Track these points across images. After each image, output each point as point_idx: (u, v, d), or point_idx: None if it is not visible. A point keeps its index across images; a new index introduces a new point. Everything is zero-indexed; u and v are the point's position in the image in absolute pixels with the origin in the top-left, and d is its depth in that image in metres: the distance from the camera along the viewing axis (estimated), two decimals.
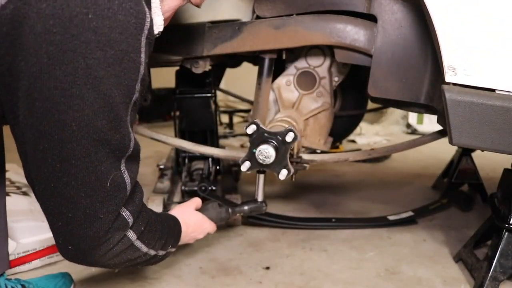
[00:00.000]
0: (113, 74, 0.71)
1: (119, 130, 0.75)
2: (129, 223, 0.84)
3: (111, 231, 0.80)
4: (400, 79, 1.15)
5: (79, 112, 0.69)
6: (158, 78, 1.99)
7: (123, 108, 0.74)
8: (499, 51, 0.94)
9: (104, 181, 0.76)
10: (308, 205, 1.82)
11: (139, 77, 0.75)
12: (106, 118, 0.72)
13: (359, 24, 1.17)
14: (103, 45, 0.69)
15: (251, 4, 1.26)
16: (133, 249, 0.87)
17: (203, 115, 1.79)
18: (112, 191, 0.77)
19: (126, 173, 0.80)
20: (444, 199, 1.79)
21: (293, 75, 1.40)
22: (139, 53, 0.74)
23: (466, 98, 0.95)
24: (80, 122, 0.70)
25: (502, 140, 0.96)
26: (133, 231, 0.86)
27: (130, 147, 0.79)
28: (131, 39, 0.72)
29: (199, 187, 1.64)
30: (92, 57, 0.68)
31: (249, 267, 1.31)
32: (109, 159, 0.76)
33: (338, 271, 1.29)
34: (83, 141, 0.71)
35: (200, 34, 1.26)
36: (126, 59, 0.72)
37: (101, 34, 0.68)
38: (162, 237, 0.96)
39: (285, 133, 1.07)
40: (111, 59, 0.70)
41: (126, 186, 0.80)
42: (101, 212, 0.77)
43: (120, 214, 0.81)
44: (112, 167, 0.77)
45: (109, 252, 0.82)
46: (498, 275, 1.15)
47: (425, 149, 1.99)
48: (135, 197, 0.86)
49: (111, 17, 0.68)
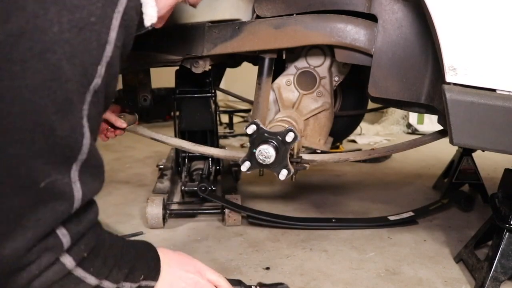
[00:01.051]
0: (66, 42, 0.58)
1: (67, 116, 0.60)
2: (63, 244, 0.64)
3: (36, 249, 0.61)
4: (400, 79, 1.15)
5: (17, 82, 0.56)
6: (158, 78, 1.99)
7: (75, 90, 0.60)
8: (500, 51, 0.94)
9: (36, 180, 0.59)
10: (308, 205, 1.82)
11: (102, 58, 0.62)
12: (51, 96, 0.58)
13: (360, 23, 1.16)
14: (61, 7, 0.57)
15: (251, 4, 1.26)
16: (74, 280, 0.68)
17: (203, 115, 1.79)
18: (48, 197, 0.61)
19: (77, 185, 0.63)
20: (444, 199, 1.78)
21: (293, 75, 1.40)
22: (106, 28, 0.62)
23: (467, 98, 0.95)
24: (16, 94, 0.56)
25: (502, 140, 0.96)
26: (70, 256, 0.66)
27: (82, 146, 0.63)
28: (97, 9, 0.60)
29: (199, 187, 1.63)
30: (45, 18, 0.56)
31: (249, 268, 1.30)
32: (52, 157, 0.60)
33: (338, 272, 1.29)
34: (16, 120, 0.56)
35: (200, 34, 1.26)
36: (88, 30, 0.59)
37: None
38: (124, 265, 0.76)
39: (285, 133, 1.07)
40: (67, 25, 0.58)
41: (73, 199, 0.63)
42: (27, 219, 0.60)
43: (54, 232, 0.63)
44: (56, 169, 0.61)
45: (35, 281, 0.63)
46: (499, 276, 1.14)
47: (425, 149, 1.99)
48: (83, 217, 0.68)
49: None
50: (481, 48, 0.95)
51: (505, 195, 1.24)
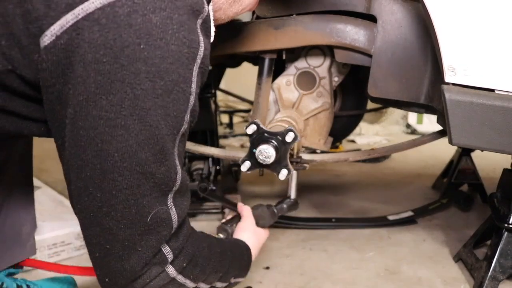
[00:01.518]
0: (161, 106, 0.68)
1: (164, 163, 0.72)
2: (168, 259, 0.80)
3: (148, 265, 0.77)
4: (400, 79, 1.15)
5: (123, 143, 0.67)
6: None
7: (169, 140, 0.72)
8: (499, 51, 0.95)
9: (145, 215, 0.73)
10: (308, 205, 1.82)
11: (188, 108, 0.72)
12: (151, 151, 0.69)
13: (359, 24, 1.17)
14: (153, 75, 0.66)
15: None
16: (175, 284, 0.83)
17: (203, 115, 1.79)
18: (154, 226, 0.74)
19: (173, 209, 0.76)
20: (444, 199, 1.79)
21: (293, 75, 1.41)
22: (189, 83, 0.71)
23: (466, 98, 0.95)
24: (124, 153, 0.68)
25: (501, 140, 0.96)
26: (173, 267, 0.81)
27: (176, 180, 0.75)
28: (182, 69, 0.69)
29: (199, 186, 1.64)
30: (141, 87, 0.66)
31: None
32: (154, 193, 0.73)
33: (338, 271, 1.29)
34: (125, 172, 0.69)
35: None
36: (176, 90, 0.69)
37: (151, 65, 0.66)
38: (218, 270, 0.91)
39: (285, 133, 1.07)
40: (160, 90, 0.67)
41: (172, 223, 0.77)
42: (139, 245, 0.74)
43: (161, 250, 0.78)
44: (157, 202, 0.73)
45: (147, 286, 0.79)
46: (497, 275, 1.15)
47: (425, 149, 2.00)
48: (180, 233, 0.82)
49: (163, 47, 0.66)
50: (480, 48, 0.95)
51: (504, 195, 1.25)
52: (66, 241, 1.34)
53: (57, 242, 1.32)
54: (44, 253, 1.30)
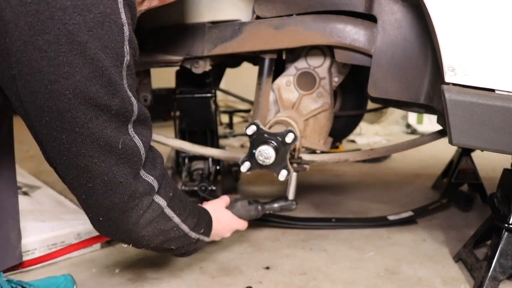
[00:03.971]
0: (96, 38, 0.70)
1: (116, 94, 0.74)
2: (155, 187, 0.85)
3: (136, 195, 0.82)
4: (400, 79, 1.15)
5: (70, 80, 0.69)
6: (158, 78, 2.00)
7: (115, 72, 0.74)
8: (499, 51, 0.95)
9: (115, 144, 0.76)
10: (308, 205, 1.82)
11: (125, 39, 0.74)
12: (99, 83, 0.71)
13: (359, 24, 1.17)
14: (80, 9, 0.68)
15: (251, 4, 1.26)
16: (165, 217, 0.89)
17: (203, 115, 1.79)
18: (125, 154, 0.78)
19: (136, 137, 0.80)
20: (444, 199, 1.79)
21: (293, 75, 1.41)
22: (118, 14, 0.73)
23: (466, 98, 0.95)
24: (74, 89, 0.70)
25: (501, 140, 0.96)
26: (161, 197, 0.87)
27: (133, 111, 0.78)
28: (107, 1, 0.71)
29: (199, 187, 1.64)
30: (72, 22, 0.67)
31: (249, 267, 1.31)
32: (114, 124, 0.75)
33: (338, 271, 1.29)
34: (81, 107, 0.71)
35: (200, 34, 1.26)
36: (107, 21, 0.71)
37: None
38: (194, 216, 0.98)
39: (285, 134, 1.07)
40: (91, 23, 0.69)
41: (139, 149, 0.81)
42: (119, 176, 0.78)
43: (141, 178, 0.83)
44: (119, 132, 0.77)
45: (141, 218, 0.84)
46: (497, 275, 1.15)
47: (425, 149, 2.00)
48: (155, 162, 0.87)
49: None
50: (480, 48, 0.95)
51: (504, 195, 1.25)
52: (66, 241, 1.34)
53: (57, 242, 1.32)
54: (44, 253, 1.30)
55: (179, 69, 1.75)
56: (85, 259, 1.36)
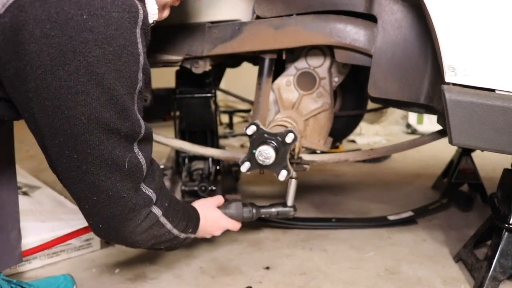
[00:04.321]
0: (114, 69, 0.74)
1: (127, 118, 0.79)
2: (153, 199, 0.91)
3: (136, 208, 0.88)
4: (400, 79, 1.15)
5: (86, 107, 0.74)
6: (158, 78, 1.99)
7: (128, 99, 0.79)
8: (499, 51, 0.94)
9: (122, 163, 0.82)
10: (308, 205, 1.82)
11: (139, 68, 0.79)
12: (113, 110, 0.77)
13: (359, 24, 1.17)
14: (101, 43, 0.72)
15: (251, 4, 1.26)
16: (159, 225, 0.95)
17: (203, 115, 1.79)
18: (130, 171, 0.84)
19: (140, 154, 0.86)
20: (444, 199, 1.79)
21: (293, 75, 1.40)
22: (136, 44, 0.77)
23: (466, 98, 0.95)
24: (89, 116, 0.75)
25: (502, 140, 0.96)
26: (158, 207, 0.93)
27: (141, 132, 0.84)
28: (126, 33, 0.75)
29: (199, 187, 1.64)
30: (92, 55, 0.72)
31: (249, 267, 1.31)
32: (122, 144, 0.81)
33: (338, 271, 1.29)
34: (94, 131, 0.76)
35: (200, 34, 1.26)
36: (125, 53, 0.76)
37: (97, 33, 0.72)
38: (184, 219, 1.03)
39: (285, 134, 1.07)
40: (110, 55, 0.74)
41: (142, 165, 0.86)
42: (122, 191, 0.84)
43: (142, 191, 0.89)
44: (126, 150, 0.82)
45: (138, 227, 0.90)
46: (498, 275, 1.15)
47: (425, 149, 1.99)
48: (154, 174, 0.93)
49: (105, 16, 0.72)
50: (480, 48, 0.95)
51: (504, 195, 1.25)
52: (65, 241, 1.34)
53: None
54: (44, 253, 1.30)
55: (179, 69, 1.75)
56: (85, 259, 1.36)
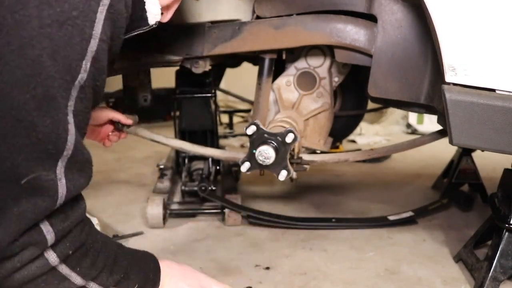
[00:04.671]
0: (47, 37, 0.57)
1: (49, 113, 0.59)
2: (47, 240, 0.65)
3: (19, 242, 0.63)
4: (400, 79, 1.15)
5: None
6: (158, 78, 2.00)
7: (59, 86, 0.59)
8: (499, 51, 0.94)
9: (19, 176, 0.60)
10: (308, 205, 1.82)
11: (87, 53, 0.61)
12: (31, 92, 0.57)
13: (359, 24, 1.17)
14: (40, 1, 0.56)
15: (251, 4, 1.26)
16: (58, 276, 0.68)
17: (203, 115, 1.80)
18: (30, 192, 0.61)
19: (62, 181, 0.64)
20: (444, 199, 1.79)
21: (293, 75, 1.40)
22: (90, 22, 0.60)
23: (466, 98, 0.95)
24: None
25: (502, 140, 0.96)
26: (55, 253, 0.67)
27: (67, 142, 0.62)
28: (80, 3, 0.59)
29: (199, 187, 1.64)
30: (23, 12, 0.55)
31: (249, 267, 1.31)
32: (36, 153, 0.60)
33: (338, 271, 1.29)
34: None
35: (200, 34, 1.26)
36: (69, 24, 0.58)
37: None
38: (116, 270, 0.76)
39: (285, 134, 1.07)
40: (47, 20, 0.57)
41: (57, 195, 0.63)
42: (10, 212, 0.61)
43: (37, 226, 0.64)
44: (40, 165, 0.61)
45: (16, 273, 0.64)
46: (498, 275, 1.15)
47: (425, 149, 1.99)
48: (70, 214, 0.68)
49: None
50: (481, 48, 0.95)
51: (504, 195, 1.25)
52: None
53: None
54: None
55: (179, 69, 1.75)
56: None
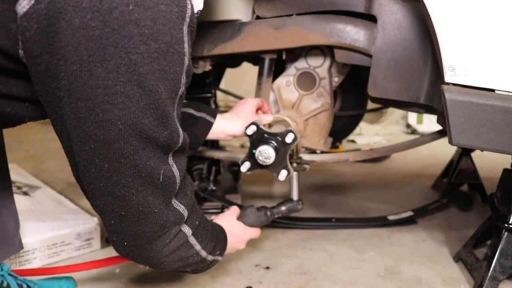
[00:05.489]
0: (157, 69, 0.66)
1: (167, 126, 0.71)
2: (184, 216, 0.83)
3: (167, 225, 0.80)
4: (400, 79, 1.15)
5: (125, 111, 0.65)
6: None
7: (169, 104, 0.70)
8: (499, 51, 0.95)
9: (156, 175, 0.74)
10: (308, 205, 1.82)
11: (184, 69, 0.71)
12: (153, 116, 0.68)
13: (359, 24, 1.17)
14: (147, 38, 0.64)
15: (251, 4, 1.26)
16: (188, 246, 0.87)
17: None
18: (163, 184, 0.76)
19: (174, 166, 0.78)
20: (443, 199, 1.79)
21: (293, 75, 1.41)
22: (182, 43, 0.69)
23: (466, 98, 0.95)
24: (127, 121, 0.66)
25: (501, 140, 0.96)
26: (188, 226, 0.85)
27: (178, 142, 0.76)
28: (174, 29, 0.67)
29: (199, 186, 1.64)
30: (136, 52, 0.63)
31: (249, 267, 1.31)
32: (157, 154, 0.73)
33: (338, 271, 1.29)
34: (130, 139, 0.68)
35: (200, 34, 1.26)
36: (171, 52, 0.67)
37: (143, 27, 0.63)
38: (212, 239, 0.96)
39: (285, 134, 1.07)
40: (155, 53, 0.65)
41: (176, 179, 0.78)
42: (154, 207, 0.76)
43: (173, 207, 0.80)
44: (161, 162, 0.74)
45: (165, 247, 0.82)
46: (497, 275, 1.15)
47: (425, 149, 2.00)
48: (187, 189, 0.84)
49: (153, 8, 0.64)
50: (480, 48, 0.95)
51: (504, 195, 1.25)
52: (66, 241, 1.34)
53: (57, 242, 1.32)
54: (44, 253, 1.30)
55: None
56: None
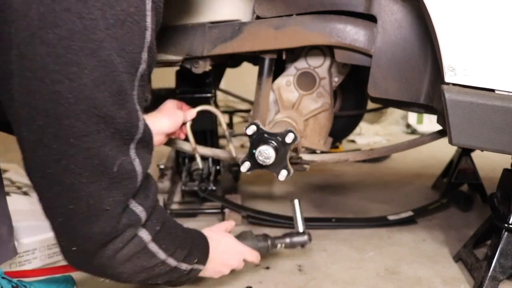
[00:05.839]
0: (114, 38, 0.61)
1: (124, 105, 0.65)
2: (141, 218, 0.75)
3: (120, 226, 0.71)
4: (400, 79, 1.15)
5: (76, 82, 0.60)
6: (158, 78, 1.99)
7: (127, 80, 0.65)
8: (499, 51, 0.95)
9: (110, 166, 0.66)
10: (308, 205, 1.82)
11: (145, 44, 0.67)
12: (108, 90, 0.62)
13: (359, 24, 1.17)
14: (102, 3, 0.60)
15: (251, 4, 1.26)
16: (148, 253, 0.78)
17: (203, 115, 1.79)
18: (119, 178, 0.68)
19: (137, 161, 0.71)
20: (443, 199, 1.79)
21: (293, 75, 1.41)
22: (144, 16, 0.65)
23: (466, 98, 0.95)
24: (78, 94, 0.60)
25: (501, 140, 0.96)
26: (147, 230, 0.77)
27: (139, 127, 0.69)
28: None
29: (199, 187, 1.64)
30: (90, 17, 0.59)
31: (249, 267, 1.31)
32: (115, 141, 0.66)
33: (338, 271, 1.29)
34: (82, 116, 0.62)
35: (200, 34, 1.26)
36: (129, 21, 0.63)
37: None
38: (184, 246, 0.87)
39: (285, 134, 1.07)
40: (111, 20, 0.61)
41: (136, 175, 0.71)
42: (107, 203, 0.68)
43: (129, 207, 0.72)
44: (119, 151, 0.67)
45: (119, 253, 0.73)
46: (497, 275, 1.15)
47: (425, 149, 1.99)
48: (149, 191, 0.77)
49: None
50: (480, 48, 0.95)
51: (504, 195, 1.25)
52: None
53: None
54: (44, 253, 1.30)
55: (179, 69, 1.75)
56: None
